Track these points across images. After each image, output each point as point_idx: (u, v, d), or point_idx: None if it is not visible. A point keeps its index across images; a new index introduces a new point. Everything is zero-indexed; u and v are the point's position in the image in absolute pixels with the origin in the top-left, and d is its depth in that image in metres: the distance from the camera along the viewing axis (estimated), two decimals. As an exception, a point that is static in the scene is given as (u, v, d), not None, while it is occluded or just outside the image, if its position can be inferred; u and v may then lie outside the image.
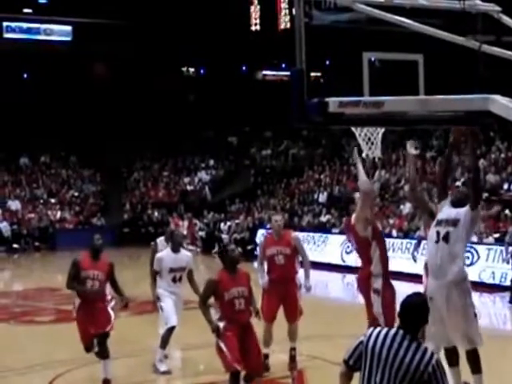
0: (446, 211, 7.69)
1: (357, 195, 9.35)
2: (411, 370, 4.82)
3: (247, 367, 8.13)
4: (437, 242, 7.58)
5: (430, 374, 4.82)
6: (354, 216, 8.90)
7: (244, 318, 8.34)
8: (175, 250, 10.87)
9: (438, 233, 7.59)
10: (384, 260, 8.51)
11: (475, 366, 7.54)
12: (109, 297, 10.18)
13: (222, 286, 8.24)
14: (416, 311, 5.01)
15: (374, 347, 4.96)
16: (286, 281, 10.20)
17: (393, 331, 4.98)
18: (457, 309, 7.41)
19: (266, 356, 9.72)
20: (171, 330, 10.64)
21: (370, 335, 5.02)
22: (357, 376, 5.05)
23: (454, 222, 7.53)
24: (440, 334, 7.43)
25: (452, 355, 7.66)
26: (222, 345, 8.07)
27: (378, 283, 8.42)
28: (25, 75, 43.40)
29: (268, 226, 20.31)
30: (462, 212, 7.56)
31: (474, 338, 7.51)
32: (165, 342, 10.64)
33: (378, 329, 5.07)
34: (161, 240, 14.83)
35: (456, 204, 7.68)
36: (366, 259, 8.65)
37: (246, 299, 8.29)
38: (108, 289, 10.35)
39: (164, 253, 10.98)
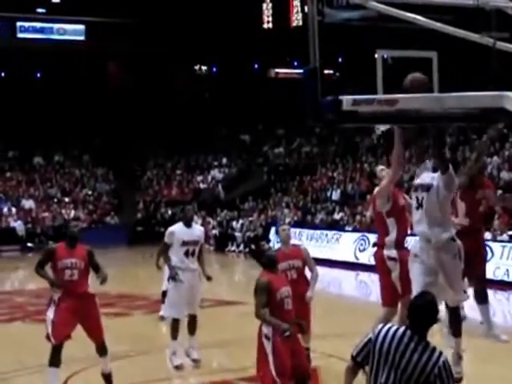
0: (423, 175, 7.68)
1: (384, 172, 9.20)
2: (417, 371, 4.82)
3: (298, 372, 7.60)
4: (417, 207, 7.56)
5: (436, 375, 4.81)
6: (376, 189, 8.86)
7: (291, 318, 7.82)
8: (187, 224, 10.72)
9: (416, 198, 7.59)
10: (400, 235, 8.60)
11: (456, 328, 7.66)
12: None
13: (273, 286, 7.74)
14: (424, 311, 4.99)
15: (381, 347, 4.96)
16: (300, 297, 9.31)
17: (401, 331, 4.97)
18: (445, 269, 7.34)
19: None
20: (176, 321, 10.59)
21: (379, 334, 5.01)
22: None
23: (428, 187, 7.49)
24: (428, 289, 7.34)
25: None
26: (270, 353, 7.55)
27: (392, 252, 8.51)
28: (38, 75, 43.54)
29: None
30: (435, 177, 7.50)
31: (459, 296, 7.62)
32: (174, 332, 10.56)
33: (387, 327, 5.05)
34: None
35: (435, 169, 7.65)
36: (381, 232, 8.82)
37: (290, 299, 7.83)
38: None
39: (175, 226, 10.82)
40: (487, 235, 19.92)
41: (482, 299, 8.61)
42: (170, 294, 10.70)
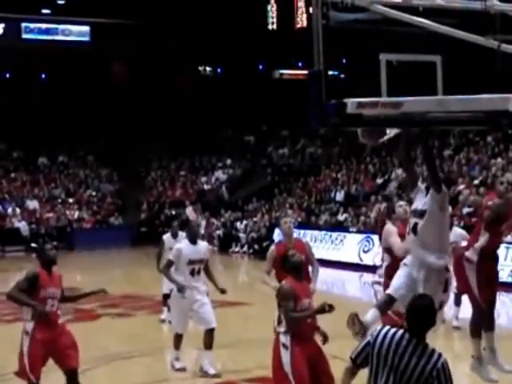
0: (417, 200, 7.43)
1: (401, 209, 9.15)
2: (416, 374, 4.82)
3: (321, 380, 7.41)
4: (408, 232, 7.38)
5: (434, 377, 4.81)
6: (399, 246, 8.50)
7: (310, 332, 7.60)
8: (193, 241, 10.51)
9: (409, 223, 7.41)
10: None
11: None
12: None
13: (296, 294, 7.43)
14: (422, 314, 4.98)
15: (380, 350, 4.96)
16: None
17: (399, 334, 4.96)
18: (426, 288, 7.16)
19: None
20: (179, 336, 10.49)
21: (377, 336, 5.01)
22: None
23: (421, 214, 7.25)
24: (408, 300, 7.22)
25: None
26: (289, 364, 7.30)
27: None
28: (43, 75, 43.58)
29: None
30: (427, 200, 7.25)
31: None
32: (177, 343, 10.49)
33: (385, 330, 5.03)
34: (167, 236, 14.89)
35: (427, 191, 7.35)
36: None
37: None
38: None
39: (182, 244, 10.63)
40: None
41: (490, 325, 8.32)
42: (173, 309, 10.64)
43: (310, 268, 9.66)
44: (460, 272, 8.46)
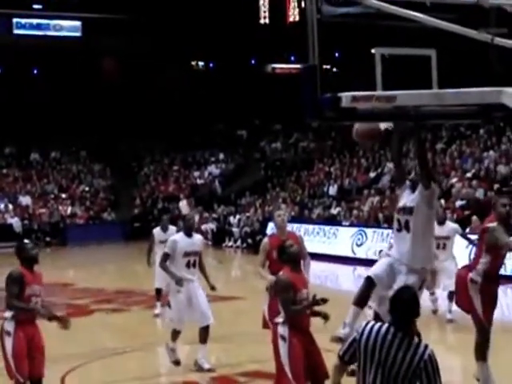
0: (404, 197, 7.37)
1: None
2: (404, 367, 4.82)
3: (315, 373, 7.38)
4: (399, 230, 7.29)
5: (422, 369, 4.81)
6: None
7: (307, 323, 7.57)
8: (188, 234, 10.47)
9: (398, 221, 7.30)
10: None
11: None
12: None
13: (295, 286, 7.39)
14: (406, 306, 4.97)
15: (366, 346, 4.96)
16: None
17: (384, 328, 4.95)
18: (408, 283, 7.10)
19: None
20: (178, 331, 10.38)
21: (363, 332, 5.00)
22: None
23: (411, 210, 7.18)
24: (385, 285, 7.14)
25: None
26: (286, 355, 7.28)
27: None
28: (35, 71, 43.48)
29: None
30: (416, 197, 7.18)
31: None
32: (174, 337, 10.39)
33: (370, 325, 5.03)
34: (157, 230, 14.91)
35: (413, 188, 7.30)
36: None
37: (307, 302, 7.44)
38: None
39: (178, 236, 10.62)
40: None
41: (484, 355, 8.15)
42: (172, 305, 10.47)
43: (301, 262, 9.62)
44: (462, 291, 8.27)
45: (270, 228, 25.71)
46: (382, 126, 7.12)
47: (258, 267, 9.53)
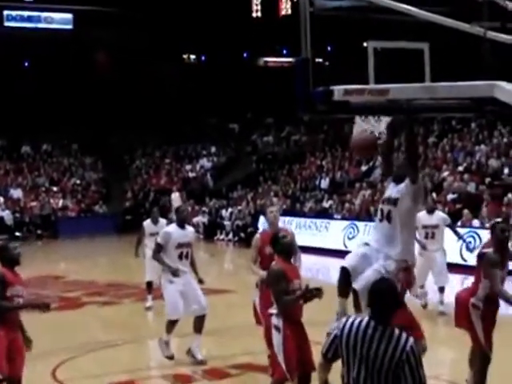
0: (389, 189, 7.35)
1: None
2: (386, 360, 4.81)
3: (303, 367, 7.36)
4: (380, 220, 7.25)
5: (404, 361, 4.79)
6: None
7: (300, 314, 7.58)
8: (181, 225, 10.47)
9: (381, 211, 7.26)
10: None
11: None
12: None
13: (287, 276, 7.38)
14: (385, 298, 4.96)
15: (347, 341, 4.95)
16: None
17: (364, 322, 4.94)
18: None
19: None
20: (175, 321, 10.31)
21: (343, 329, 5.00)
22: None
23: (395, 201, 7.14)
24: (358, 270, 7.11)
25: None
26: (280, 346, 7.29)
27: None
28: (26, 64, 43.34)
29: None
30: (401, 189, 7.13)
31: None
32: (170, 328, 10.33)
33: (350, 320, 5.03)
34: (147, 222, 14.91)
35: (397, 180, 7.25)
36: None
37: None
38: None
39: (170, 228, 10.60)
40: (475, 222, 20.05)
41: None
42: (166, 297, 10.41)
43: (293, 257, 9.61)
44: (463, 315, 8.12)
45: (262, 222, 25.73)
46: (376, 131, 7.14)
47: (249, 263, 9.50)
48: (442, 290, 13.46)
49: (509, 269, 8.11)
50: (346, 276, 7.14)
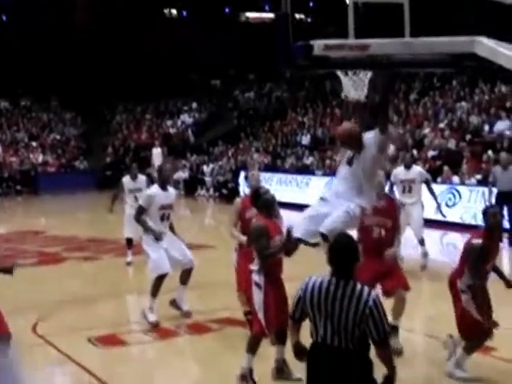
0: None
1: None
2: (351, 316, 4.85)
3: (282, 324, 7.27)
4: (346, 163, 7.09)
5: (367, 315, 4.83)
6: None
7: (280, 271, 7.61)
8: (164, 187, 10.39)
9: (348, 156, 7.11)
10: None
11: None
12: None
13: (269, 232, 7.36)
14: (345, 253, 4.97)
15: (311, 301, 4.99)
16: None
17: (326, 280, 4.96)
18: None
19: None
20: (163, 277, 10.14)
21: (306, 289, 5.03)
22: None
23: (360, 148, 6.96)
24: (311, 230, 6.95)
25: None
26: (261, 302, 7.33)
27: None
28: (4, 17, 42.69)
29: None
30: (369, 136, 6.99)
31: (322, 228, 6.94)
32: (155, 289, 10.12)
33: (312, 280, 5.04)
34: (127, 178, 14.87)
35: (368, 130, 7.10)
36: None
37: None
38: None
39: (154, 190, 10.44)
40: (455, 179, 20.16)
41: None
42: (151, 254, 10.21)
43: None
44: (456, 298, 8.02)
45: (243, 177, 25.73)
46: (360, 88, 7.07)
47: (230, 227, 9.44)
48: (422, 242, 13.57)
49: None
50: (288, 237, 6.99)
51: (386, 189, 9.96)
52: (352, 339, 4.88)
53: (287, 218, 8.82)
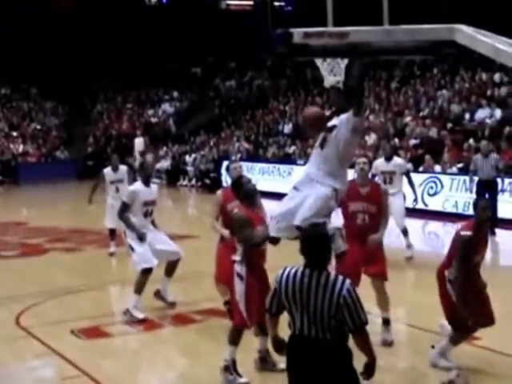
0: (333, 120, 7.08)
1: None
2: (325, 307, 4.84)
3: (264, 316, 7.44)
4: (318, 146, 7.08)
5: (342, 305, 4.82)
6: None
7: (263, 261, 7.60)
8: (146, 182, 10.34)
9: (320, 139, 7.07)
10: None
11: None
12: None
13: (251, 222, 7.27)
14: (316, 243, 4.96)
15: (286, 294, 4.98)
16: None
17: (300, 271, 4.95)
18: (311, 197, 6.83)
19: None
20: (148, 272, 9.98)
21: (280, 281, 5.02)
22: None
23: (331, 128, 6.94)
24: (286, 226, 6.87)
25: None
26: (243, 293, 7.33)
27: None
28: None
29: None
30: (342, 118, 6.89)
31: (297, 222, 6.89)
32: (140, 286, 9.96)
33: (286, 272, 5.03)
34: (107, 170, 14.83)
35: (342, 113, 7.02)
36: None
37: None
38: None
39: (137, 186, 10.36)
40: (437, 168, 20.23)
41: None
42: (135, 247, 10.06)
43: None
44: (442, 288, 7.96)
45: (224, 167, 25.69)
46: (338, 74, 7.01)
47: (211, 220, 9.37)
48: (405, 232, 13.60)
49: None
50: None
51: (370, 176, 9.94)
52: (329, 329, 4.88)
53: (269, 207, 8.80)
